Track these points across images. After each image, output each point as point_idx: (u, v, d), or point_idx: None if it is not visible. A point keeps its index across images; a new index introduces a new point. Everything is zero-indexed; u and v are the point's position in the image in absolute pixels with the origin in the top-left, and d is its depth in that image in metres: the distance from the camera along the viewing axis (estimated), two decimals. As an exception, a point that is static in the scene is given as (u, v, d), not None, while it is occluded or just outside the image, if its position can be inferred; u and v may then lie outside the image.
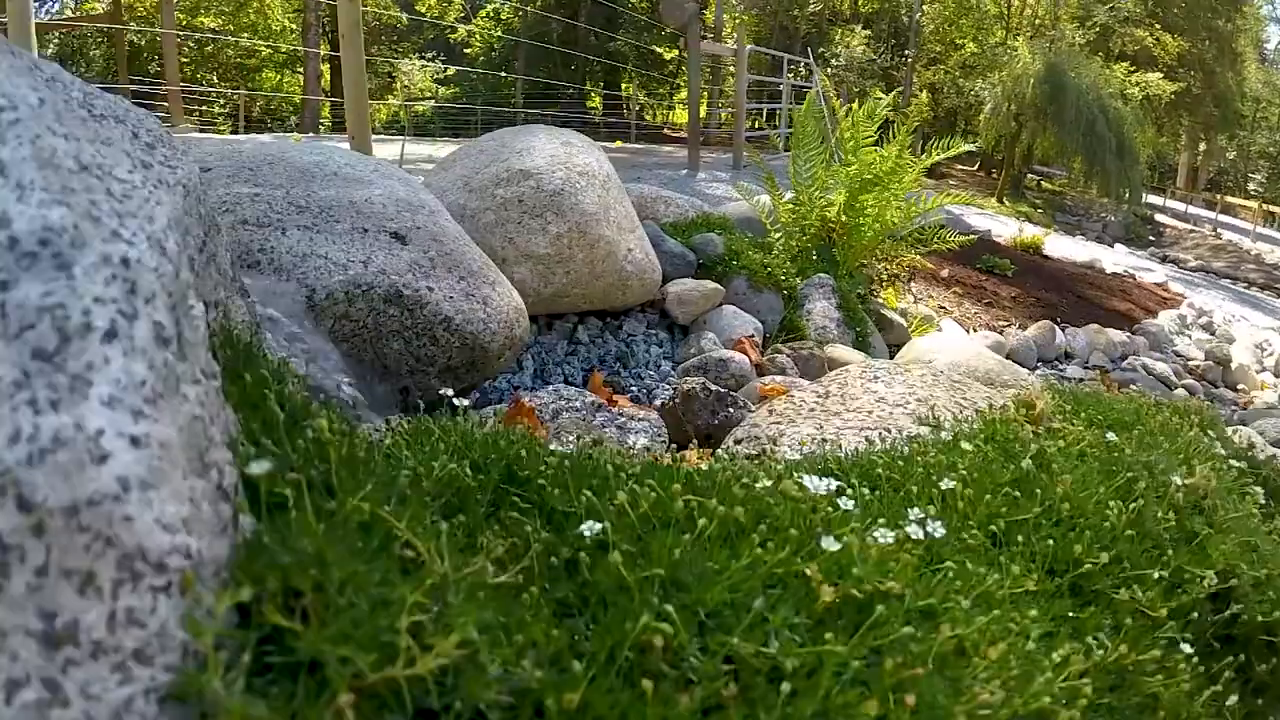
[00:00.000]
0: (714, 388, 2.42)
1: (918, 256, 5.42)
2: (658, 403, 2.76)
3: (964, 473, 1.19)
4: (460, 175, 2.68)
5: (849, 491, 1.06)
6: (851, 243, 4.72)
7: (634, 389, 2.78)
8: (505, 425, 1.36)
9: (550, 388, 2.05)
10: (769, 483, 0.79)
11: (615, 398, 2.51)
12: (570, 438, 1.76)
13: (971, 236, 6.12)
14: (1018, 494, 1.20)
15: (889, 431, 1.43)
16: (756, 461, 1.27)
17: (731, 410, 2.44)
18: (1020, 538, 1.12)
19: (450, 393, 0.99)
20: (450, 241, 1.84)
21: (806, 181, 4.67)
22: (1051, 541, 1.12)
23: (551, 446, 1.60)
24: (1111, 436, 1.52)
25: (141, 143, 1.00)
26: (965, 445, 1.23)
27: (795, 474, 1.02)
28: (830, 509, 0.86)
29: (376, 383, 1.71)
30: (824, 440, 1.37)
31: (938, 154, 5.13)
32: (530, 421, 1.47)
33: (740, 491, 0.79)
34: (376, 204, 1.84)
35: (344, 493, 0.65)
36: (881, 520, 0.91)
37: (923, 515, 0.95)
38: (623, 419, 2.18)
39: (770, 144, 10.48)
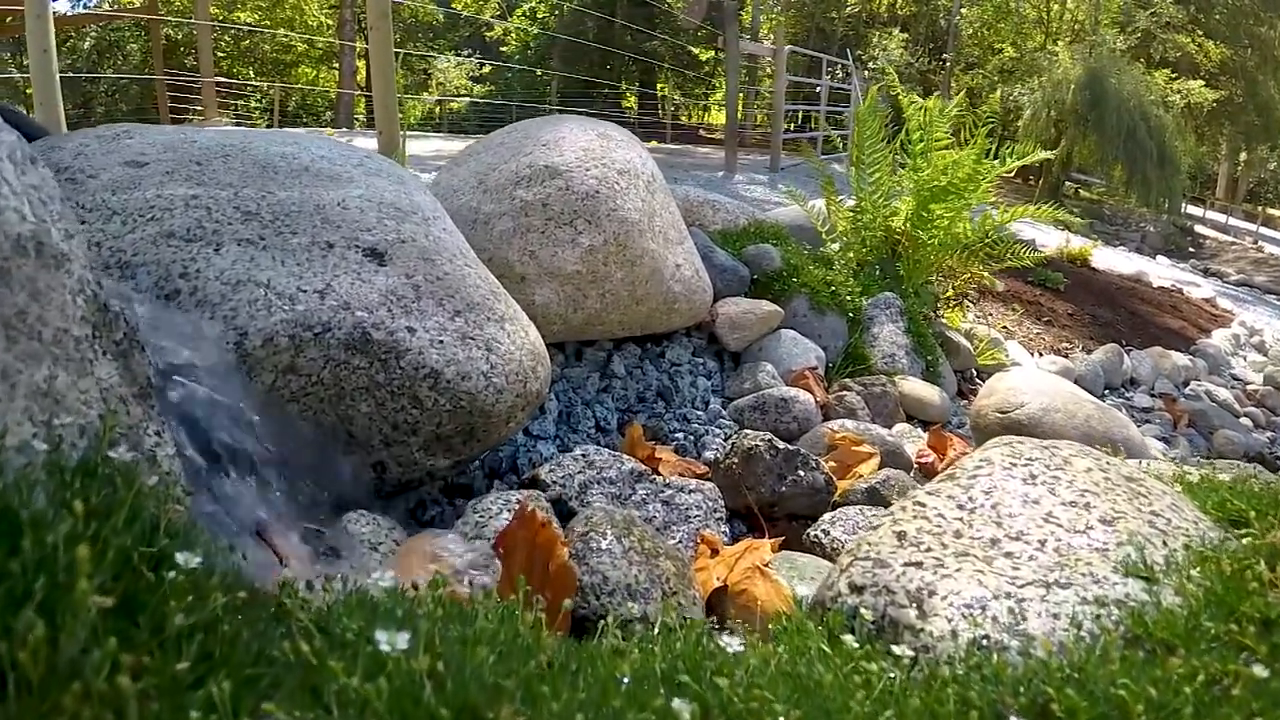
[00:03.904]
0: (780, 446, 1.93)
1: (987, 274, 4.91)
2: (708, 454, 2.27)
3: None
4: (475, 172, 2.20)
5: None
6: (918, 257, 4.20)
7: (679, 435, 2.29)
8: (504, 569, 0.88)
9: (578, 452, 1.57)
10: None
11: (658, 452, 2.03)
12: (604, 537, 1.28)
13: (1045, 253, 5.66)
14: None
15: (1087, 592, 0.94)
16: (913, 665, 0.79)
17: (801, 473, 1.95)
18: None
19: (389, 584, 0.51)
20: (446, 260, 1.37)
21: (870, 187, 4.15)
22: None
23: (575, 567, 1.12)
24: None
25: None
26: (1257, 669, 0.74)
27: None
28: None
29: (341, 455, 1.25)
30: (999, 614, 0.87)
31: (1013, 161, 4.62)
32: (542, 543, 1.00)
33: None
34: (352, 208, 1.37)
35: None
36: None
37: None
38: (669, 490, 1.70)
39: (809, 147, 9.97)
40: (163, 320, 1.17)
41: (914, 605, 0.89)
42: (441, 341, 1.24)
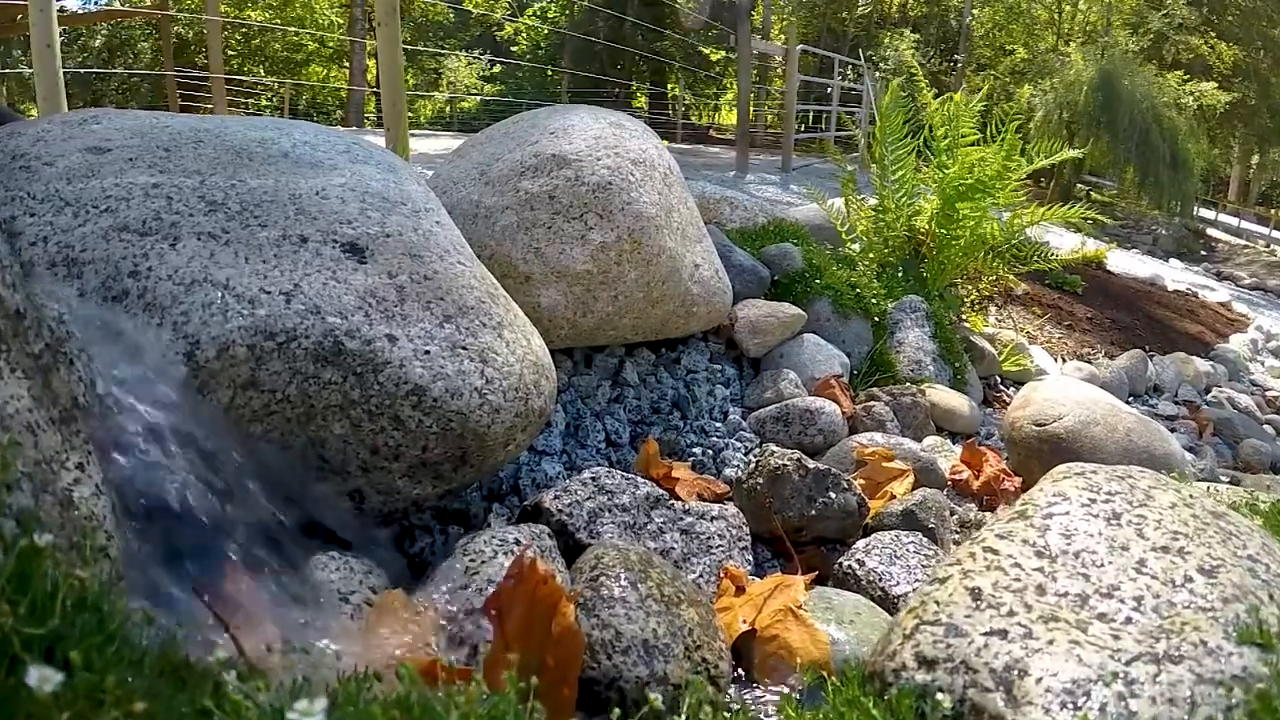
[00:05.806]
0: (810, 465, 1.75)
1: (1013, 276, 4.73)
2: (728, 471, 2.10)
3: None
4: (477, 163, 2.04)
5: None
6: (942, 258, 4.01)
7: (697, 449, 2.12)
8: (497, 633, 0.72)
9: (587, 475, 1.40)
10: None
11: (675, 471, 1.86)
12: (617, 582, 1.11)
13: (1075, 254, 5.51)
14: None
15: (1202, 667, 0.76)
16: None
17: (832, 495, 1.76)
18: None
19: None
20: (436, 257, 1.20)
21: (893, 185, 3.97)
22: None
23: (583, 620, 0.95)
24: None
25: None
26: None
27: None
28: None
29: (312, 481, 1.08)
30: (1107, 701, 0.70)
31: (1041, 160, 4.44)
32: (543, 598, 0.83)
33: None
34: (332, 198, 1.20)
35: None
36: None
37: None
38: (689, 518, 1.52)
39: (829, 144, 9.79)
40: (106, 327, 1.00)
41: (1001, 689, 0.71)
42: (428, 352, 1.06)
